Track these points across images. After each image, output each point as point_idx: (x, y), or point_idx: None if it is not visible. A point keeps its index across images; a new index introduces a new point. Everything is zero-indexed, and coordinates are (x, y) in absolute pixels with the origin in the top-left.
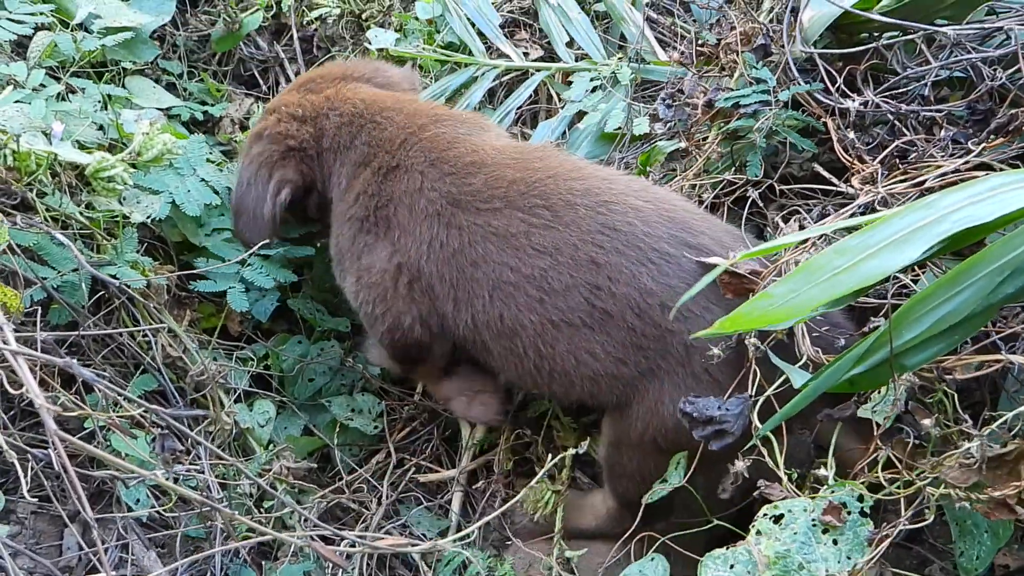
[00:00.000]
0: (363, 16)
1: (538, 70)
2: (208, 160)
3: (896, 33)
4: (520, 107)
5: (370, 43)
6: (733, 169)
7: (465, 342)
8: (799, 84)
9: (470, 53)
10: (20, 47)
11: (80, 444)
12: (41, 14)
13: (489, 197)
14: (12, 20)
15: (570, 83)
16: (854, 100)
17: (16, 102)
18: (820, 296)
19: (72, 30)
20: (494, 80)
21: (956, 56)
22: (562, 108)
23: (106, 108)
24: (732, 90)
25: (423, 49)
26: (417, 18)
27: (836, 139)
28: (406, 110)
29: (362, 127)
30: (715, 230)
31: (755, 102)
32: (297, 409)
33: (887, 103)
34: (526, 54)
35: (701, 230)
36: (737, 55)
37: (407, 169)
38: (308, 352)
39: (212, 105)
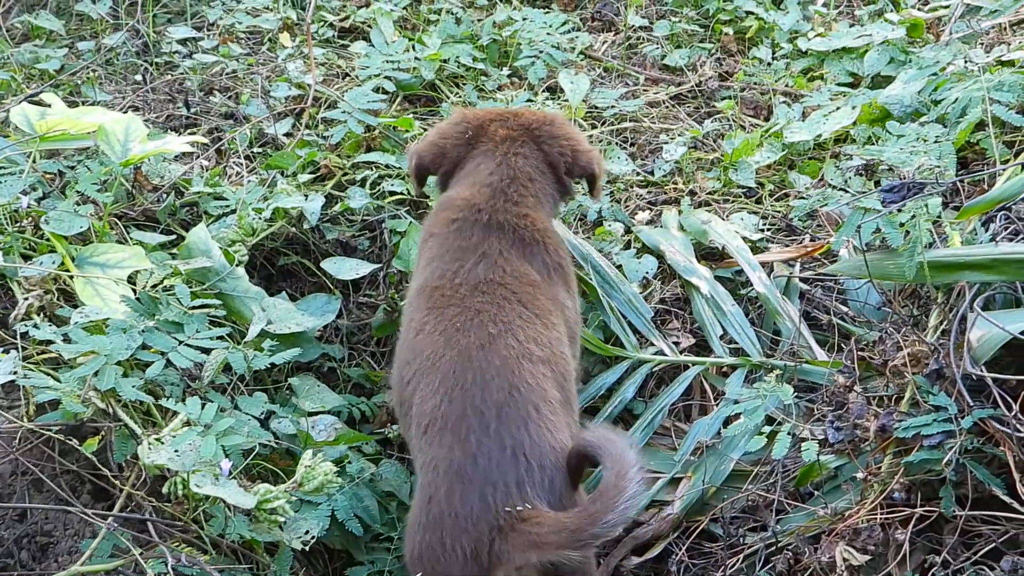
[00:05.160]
0: None
1: (692, 364)
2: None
3: None
4: (673, 402)
5: None
6: (906, 494)
7: None
8: (977, 409)
9: (621, 345)
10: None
11: None
12: (219, 338)
13: None
14: (190, 346)
15: (725, 374)
16: None
17: (196, 435)
18: None
19: (244, 345)
20: (647, 373)
21: None
22: (717, 406)
23: (266, 424)
24: (906, 414)
25: None
26: None
27: (1017, 477)
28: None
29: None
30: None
31: (938, 432)
32: None
33: None
34: (677, 343)
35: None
36: (906, 376)
37: None
38: None
39: (370, 391)
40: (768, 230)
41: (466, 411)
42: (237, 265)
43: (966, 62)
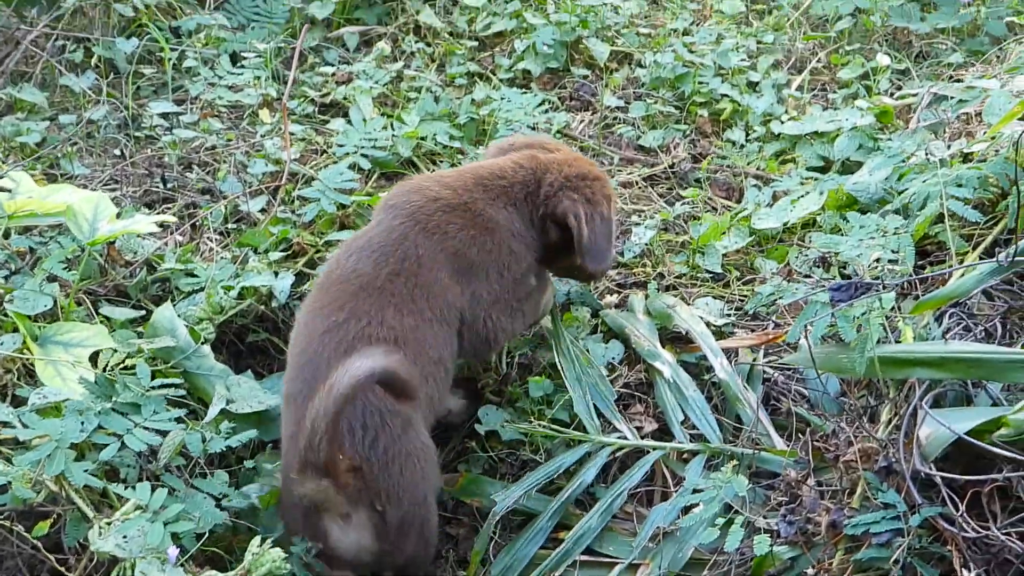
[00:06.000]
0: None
1: (652, 449)
2: None
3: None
4: (634, 486)
5: (480, 422)
6: None
7: None
8: (926, 507)
9: (583, 428)
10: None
11: None
12: (178, 419)
13: None
14: (146, 428)
15: (686, 460)
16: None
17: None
18: None
19: (203, 426)
20: (608, 457)
21: None
22: (676, 493)
23: (219, 506)
24: (856, 510)
25: (535, 424)
26: (529, 396)
27: None
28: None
29: None
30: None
31: (887, 530)
32: None
33: (1013, 543)
34: (639, 428)
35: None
36: (857, 472)
37: None
38: None
39: None
40: (733, 315)
41: (301, 390)
42: (203, 343)
43: (926, 154)
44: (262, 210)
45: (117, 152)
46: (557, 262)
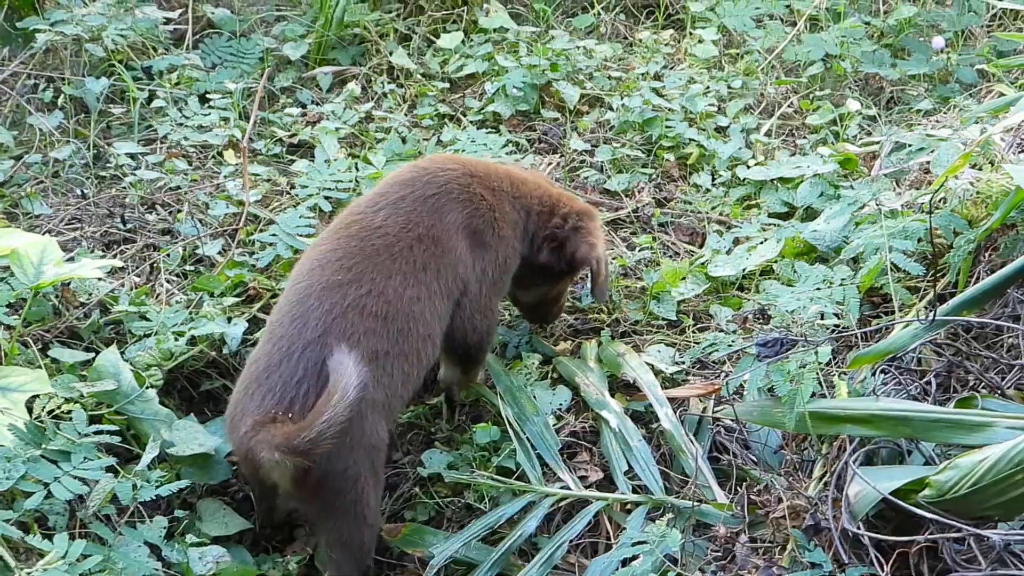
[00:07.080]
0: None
1: (594, 499)
2: None
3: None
4: (577, 537)
5: (424, 465)
6: None
7: None
8: (852, 567)
9: (527, 479)
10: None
11: None
12: (110, 468)
13: None
14: (74, 477)
15: (629, 511)
16: None
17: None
18: None
19: (135, 473)
20: (551, 506)
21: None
22: (617, 545)
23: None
24: (786, 568)
25: (476, 474)
26: (473, 443)
27: None
28: None
29: None
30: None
31: None
32: None
33: None
34: (584, 477)
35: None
36: (787, 529)
37: None
38: None
39: None
40: (686, 363)
41: (283, 336)
42: (148, 388)
43: (877, 204)
44: (220, 252)
45: (80, 192)
46: (528, 281)
